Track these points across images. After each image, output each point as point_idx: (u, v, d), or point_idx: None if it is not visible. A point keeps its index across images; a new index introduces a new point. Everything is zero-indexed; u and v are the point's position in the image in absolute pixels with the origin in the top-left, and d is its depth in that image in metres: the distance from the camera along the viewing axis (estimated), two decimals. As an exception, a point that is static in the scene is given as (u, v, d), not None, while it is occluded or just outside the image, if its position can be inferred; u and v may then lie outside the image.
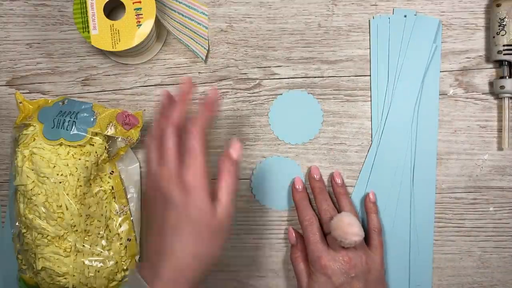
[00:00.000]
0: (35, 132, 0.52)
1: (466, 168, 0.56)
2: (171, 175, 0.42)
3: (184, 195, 0.41)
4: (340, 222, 0.47)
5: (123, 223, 0.54)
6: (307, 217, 0.52)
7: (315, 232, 0.51)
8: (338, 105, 0.57)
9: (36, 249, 0.51)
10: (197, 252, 0.41)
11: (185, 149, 0.42)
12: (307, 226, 0.51)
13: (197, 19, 0.55)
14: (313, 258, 0.50)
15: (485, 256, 0.57)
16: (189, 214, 0.41)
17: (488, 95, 0.56)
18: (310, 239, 0.50)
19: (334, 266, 0.48)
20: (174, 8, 0.55)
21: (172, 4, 0.55)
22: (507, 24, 0.53)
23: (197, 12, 0.55)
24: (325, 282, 0.49)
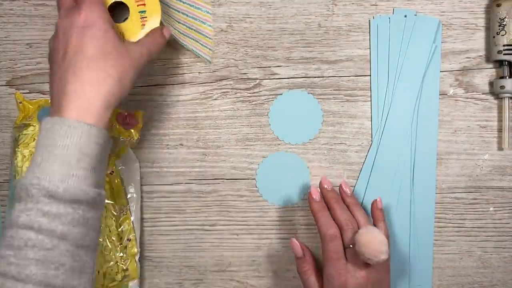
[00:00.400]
0: (35, 132, 0.52)
1: (466, 168, 0.56)
2: (68, 10, 0.43)
3: (82, 27, 0.42)
4: (371, 239, 0.44)
5: (123, 223, 0.54)
6: (331, 231, 0.48)
7: (338, 248, 0.47)
8: (338, 105, 0.57)
9: (36, 249, 0.51)
10: (99, 82, 0.41)
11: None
12: (330, 241, 0.47)
13: (201, 18, 0.55)
14: (332, 274, 0.47)
15: (485, 256, 0.57)
16: (86, 41, 0.42)
17: (488, 95, 0.56)
18: (331, 256, 0.47)
19: (353, 283, 0.46)
20: (177, 8, 0.55)
21: (176, 4, 0.55)
22: (507, 24, 0.53)
23: (201, 11, 0.55)
24: None
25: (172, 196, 0.58)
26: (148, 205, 0.58)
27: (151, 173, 0.57)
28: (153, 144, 0.57)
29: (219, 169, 0.57)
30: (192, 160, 0.57)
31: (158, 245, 0.58)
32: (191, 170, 0.57)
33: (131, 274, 0.55)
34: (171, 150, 0.57)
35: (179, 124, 0.57)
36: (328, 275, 0.47)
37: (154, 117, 0.57)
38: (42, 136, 0.40)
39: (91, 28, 0.42)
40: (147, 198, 0.58)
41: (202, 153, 0.57)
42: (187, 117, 0.57)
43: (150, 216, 0.58)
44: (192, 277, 0.58)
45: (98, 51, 0.42)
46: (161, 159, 0.57)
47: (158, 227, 0.58)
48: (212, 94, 0.57)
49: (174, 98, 0.57)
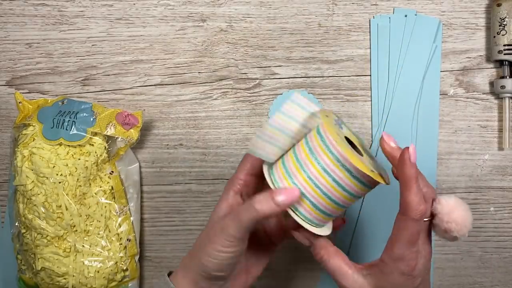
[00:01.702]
0: (35, 132, 0.52)
1: (466, 168, 0.56)
2: None
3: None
4: (459, 210, 0.38)
5: (123, 223, 0.54)
6: (422, 208, 0.38)
7: (419, 230, 0.38)
8: (339, 105, 0.57)
9: (35, 249, 0.51)
10: (202, 247, 0.41)
11: None
12: (419, 220, 0.38)
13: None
14: (403, 256, 0.38)
15: (485, 256, 0.57)
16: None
17: (488, 95, 0.56)
18: (412, 237, 0.38)
19: (421, 264, 0.39)
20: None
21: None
22: (507, 24, 0.53)
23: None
24: (404, 283, 0.39)
25: (172, 196, 0.57)
26: (148, 205, 0.58)
27: (151, 173, 0.57)
28: (153, 144, 0.57)
29: (219, 169, 0.57)
30: (192, 160, 0.57)
31: (158, 245, 0.58)
32: (191, 170, 0.57)
33: (131, 274, 0.54)
34: (171, 150, 0.57)
35: (179, 124, 0.57)
36: (396, 257, 0.38)
37: (154, 117, 0.57)
38: None
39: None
40: (147, 198, 0.58)
41: (202, 153, 0.57)
42: (187, 117, 0.57)
43: (150, 216, 0.58)
44: (192, 277, 0.58)
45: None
46: (161, 159, 0.57)
47: (158, 227, 0.58)
48: (212, 94, 0.57)
49: (174, 98, 0.57)
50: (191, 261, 0.42)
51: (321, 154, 0.39)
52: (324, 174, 0.38)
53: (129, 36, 0.57)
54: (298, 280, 0.57)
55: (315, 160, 0.39)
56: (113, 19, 0.57)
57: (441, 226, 0.39)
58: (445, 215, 0.38)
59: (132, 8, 0.57)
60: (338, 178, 0.39)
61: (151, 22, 0.57)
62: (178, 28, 0.57)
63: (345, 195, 0.39)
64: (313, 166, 0.39)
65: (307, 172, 0.39)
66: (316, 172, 0.39)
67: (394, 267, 0.38)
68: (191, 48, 0.57)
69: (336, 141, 0.38)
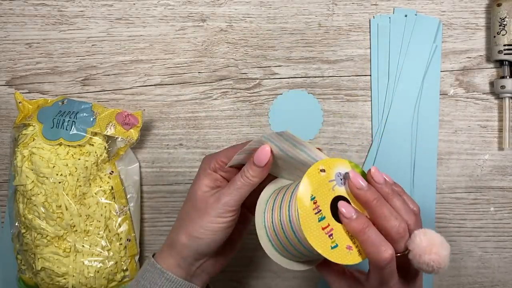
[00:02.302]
0: (35, 132, 0.52)
1: (466, 168, 0.56)
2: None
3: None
4: (434, 243, 0.37)
5: (123, 223, 0.54)
6: (386, 255, 0.36)
7: (393, 269, 0.38)
8: (339, 105, 0.57)
9: (35, 249, 0.51)
10: (191, 222, 0.42)
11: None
12: (385, 267, 0.37)
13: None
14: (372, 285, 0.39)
15: (485, 256, 0.57)
16: (188, 195, 0.44)
17: (488, 95, 0.56)
18: (385, 280, 0.38)
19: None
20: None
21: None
22: (507, 24, 0.53)
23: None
24: None
25: (172, 196, 0.57)
26: (148, 205, 0.58)
27: (151, 173, 0.57)
28: (153, 144, 0.57)
29: (219, 169, 0.57)
30: (192, 160, 0.57)
31: (158, 245, 0.58)
32: (191, 170, 0.57)
33: (131, 274, 0.54)
34: (171, 150, 0.57)
35: (179, 124, 0.57)
36: (370, 285, 0.39)
37: (154, 117, 0.57)
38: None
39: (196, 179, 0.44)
40: (147, 198, 0.58)
41: (202, 153, 0.57)
42: (187, 117, 0.57)
43: (150, 216, 0.58)
44: (192, 277, 0.58)
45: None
46: (161, 159, 0.57)
47: (158, 227, 0.58)
48: (212, 94, 0.57)
49: (174, 98, 0.57)
50: (178, 239, 0.43)
51: (287, 226, 0.39)
52: (286, 236, 0.39)
53: (129, 36, 0.57)
54: (298, 280, 0.57)
55: (282, 219, 0.39)
56: (113, 19, 0.57)
57: (415, 262, 0.37)
58: (421, 252, 0.37)
59: (132, 8, 0.57)
60: (295, 245, 0.39)
61: (151, 22, 0.57)
62: (178, 28, 0.57)
63: (300, 253, 0.40)
64: (280, 218, 0.40)
65: (278, 217, 0.40)
66: (279, 226, 0.40)
67: None
68: (191, 48, 0.57)
69: (302, 225, 0.37)
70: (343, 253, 0.37)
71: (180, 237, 0.43)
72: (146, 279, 0.43)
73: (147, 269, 0.43)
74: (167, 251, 0.44)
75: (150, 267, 0.43)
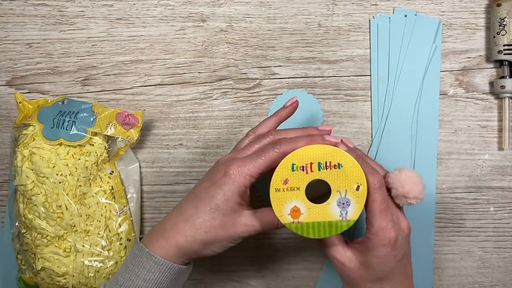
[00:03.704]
0: (35, 132, 0.52)
1: (466, 168, 0.56)
2: (228, 157, 0.45)
3: (220, 176, 0.43)
4: (410, 178, 0.42)
5: (123, 223, 0.54)
6: (379, 177, 0.42)
7: (385, 197, 0.42)
8: (338, 105, 0.57)
9: (35, 249, 0.51)
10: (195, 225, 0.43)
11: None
12: (380, 188, 0.41)
13: None
14: (383, 227, 0.41)
15: (485, 256, 0.57)
16: (211, 200, 0.43)
17: (488, 95, 0.56)
18: (381, 206, 0.41)
19: (400, 235, 0.42)
20: None
21: None
22: (507, 24, 0.53)
23: None
24: (387, 256, 0.41)
25: (172, 196, 0.57)
26: (148, 205, 0.58)
27: (151, 173, 0.57)
28: (153, 144, 0.57)
29: (219, 169, 0.57)
30: (192, 160, 0.57)
31: (158, 245, 0.58)
32: (191, 170, 0.57)
33: (131, 274, 0.54)
34: (171, 150, 0.57)
35: (179, 124, 0.57)
36: (377, 229, 0.41)
37: (154, 117, 0.57)
38: None
39: (224, 185, 0.43)
40: (147, 198, 0.58)
41: (202, 153, 0.57)
42: (187, 117, 0.57)
43: (150, 216, 0.58)
44: (192, 277, 0.58)
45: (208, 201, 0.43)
46: (161, 159, 0.57)
47: (158, 227, 0.58)
48: (212, 94, 0.57)
49: (174, 98, 0.57)
50: (180, 238, 0.43)
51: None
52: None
53: (129, 36, 0.57)
54: (298, 280, 0.58)
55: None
56: (113, 19, 0.57)
57: (398, 193, 0.43)
58: (395, 182, 0.42)
59: (132, 8, 0.57)
60: None
61: (151, 22, 0.57)
62: (178, 28, 0.57)
63: None
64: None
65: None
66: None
67: (377, 240, 0.41)
68: (191, 48, 0.57)
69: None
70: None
71: (187, 238, 0.43)
72: (135, 264, 0.43)
73: (135, 254, 0.44)
74: (161, 235, 0.44)
75: (138, 251, 0.43)
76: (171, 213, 0.45)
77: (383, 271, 0.42)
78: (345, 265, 0.43)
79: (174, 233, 0.43)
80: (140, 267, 0.43)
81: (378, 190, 0.41)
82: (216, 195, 0.42)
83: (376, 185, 0.41)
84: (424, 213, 0.56)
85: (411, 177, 0.43)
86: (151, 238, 0.44)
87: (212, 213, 0.42)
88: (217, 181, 0.43)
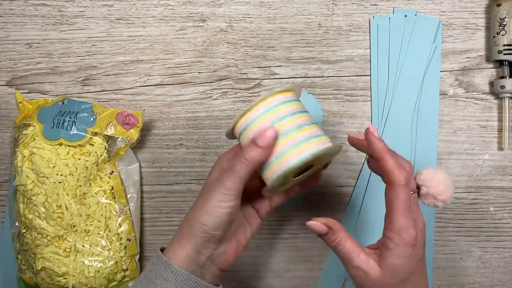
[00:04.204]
0: (35, 132, 0.52)
1: (466, 168, 0.56)
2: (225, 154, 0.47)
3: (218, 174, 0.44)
4: (442, 179, 0.41)
5: (123, 223, 0.54)
6: (405, 174, 0.40)
7: (409, 195, 0.40)
8: (338, 105, 0.57)
9: (35, 249, 0.51)
10: (199, 210, 0.43)
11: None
12: (405, 186, 0.40)
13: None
14: (404, 226, 0.40)
15: (485, 256, 0.57)
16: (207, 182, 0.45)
17: (488, 95, 0.56)
18: (404, 205, 0.40)
19: (420, 237, 0.41)
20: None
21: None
22: (507, 24, 0.53)
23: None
24: (409, 256, 0.40)
25: (172, 196, 0.58)
26: (148, 205, 0.58)
27: (151, 173, 0.57)
28: (153, 144, 0.57)
29: (219, 169, 0.57)
30: (192, 160, 0.57)
31: (158, 245, 0.58)
32: (191, 170, 0.57)
33: (131, 274, 0.54)
34: (171, 150, 0.57)
35: (179, 124, 0.57)
36: (398, 228, 0.40)
37: (154, 117, 0.57)
38: None
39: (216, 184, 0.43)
40: (147, 198, 0.58)
41: (202, 153, 0.57)
42: (187, 117, 0.57)
43: (150, 216, 0.58)
44: (192, 277, 0.58)
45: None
46: (161, 159, 0.57)
47: (158, 227, 0.58)
48: (212, 94, 0.57)
49: (174, 98, 0.57)
50: (188, 229, 0.43)
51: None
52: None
53: (129, 36, 0.57)
54: (298, 280, 0.58)
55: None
56: (113, 19, 0.57)
57: (429, 192, 0.42)
58: (429, 181, 0.41)
59: (132, 8, 0.57)
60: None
61: (151, 22, 0.57)
62: (178, 28, 0.57)
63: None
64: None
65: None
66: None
67: (398, 240, 0.40)
68: (191, 48, 0.57)
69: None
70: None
71: (189, 227, 0.43)
72: (153, 272, 0.43)
73: (154, 262, 0.44)
74: (176, 242, 0.44)
75: (157, 260, 0.43)
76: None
77: (405, 273, 0.40)
78: (370, 275, 0.41)
79: (185, 234, 0.43)
80: (158, 276, 0.42)
81: (404, 187, 0.40)
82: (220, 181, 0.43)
83: (402, 182, 0.40)
84: (424, 213, 0.56)
85: (446, 179, 0.42)
86: (171, 246, 0.44)
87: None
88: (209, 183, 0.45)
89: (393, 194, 0.40)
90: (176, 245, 0.43)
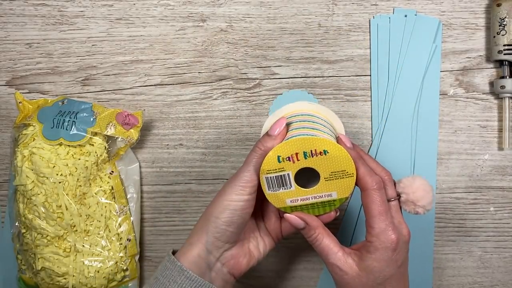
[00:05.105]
0: (35, 132, 0.52)
1: (466, 168, 0.56)
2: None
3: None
4: (421, 187, 0.43)
5: (123, 223, 0.54)
6: (377, 179, 0.42)
7: (385, 198, 0.42)
8: (339, 105, 0.57)
9: (35, 249, 0.51)
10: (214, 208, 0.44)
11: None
12: (378, 190, 0.42)
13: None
14: (382, 229, 0.41)
15: (485, 256, 0.57)
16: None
17: (488, 95, 0.56)
18: (379, 209, 0.41)
19: (401, 240, 0.41)
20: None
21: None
22: (507, 24, 0.53)
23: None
24: (388, 260, 0.41)
25: (172, 196, 0.58)
26: (148, 205, 0.58)
27: (151, 173, 0.57)
28: (153, 144, 0.57)
29: (219, 169, 0.57)
30: (192, 160, 0.57)
31: (158, 245, 0.58)
32: (191, 170, 0.57)
33: (131, 274, 0.54)
34: (171, 150, 0.57)
35: (179, 124, 0.57)
36: (377, 232, 0.41)
37: (154, 117, 0.57)
38: None
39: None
40: (147, 198, 0.58)
41: (202, 153, 0.57)
42: (187, 117, 0.57)
43: (150, 216, 0.58)
44: (192, 277, 0.58)
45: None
46: (161, 159, 0.57)
47: (158, 227, 0.58)
48: (212, 94, 0.57)
49: (174, 98, 0.57)
50: (202, 223, 0.44)
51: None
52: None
53: (129, 36, 0.57)
54: (298, 280, 0.58)
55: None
56: (113, 19, 0.57)
57: (409, 199, 0.43)
58: (408, 188, 0.43)
59: (132, 8, 0.57)
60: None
61: (151, 22, 0.57)
62: (178, 28, 0.57)
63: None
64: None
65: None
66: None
67: (378, 244, 0.41)
68: (191, 48, 0.57)
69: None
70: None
71: (203, 218, 0.44)
72: (166, 277, 0.43)
73: (167, 267, 0.43)
74: (188, 241, 0.44)
75: (170, 264, 0.43)
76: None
77: (383, 276, 0.41)
78: (346, 273, 0.42)
79: (198, 231, 0.44)
80: (171, 281, 0.42)
81: (377, 191, 0.41)
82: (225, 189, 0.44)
83: (374, 186, 0.41)
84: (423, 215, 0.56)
85: (424, 185, 0.43)
86: (183, 248, 0.44)
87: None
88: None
89: (368, 199, 0.42)
90: (187, 244, 0.44)
